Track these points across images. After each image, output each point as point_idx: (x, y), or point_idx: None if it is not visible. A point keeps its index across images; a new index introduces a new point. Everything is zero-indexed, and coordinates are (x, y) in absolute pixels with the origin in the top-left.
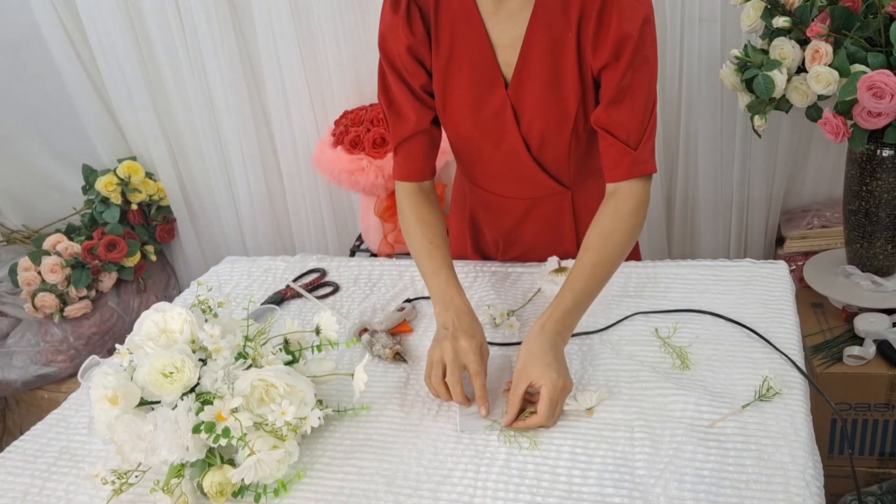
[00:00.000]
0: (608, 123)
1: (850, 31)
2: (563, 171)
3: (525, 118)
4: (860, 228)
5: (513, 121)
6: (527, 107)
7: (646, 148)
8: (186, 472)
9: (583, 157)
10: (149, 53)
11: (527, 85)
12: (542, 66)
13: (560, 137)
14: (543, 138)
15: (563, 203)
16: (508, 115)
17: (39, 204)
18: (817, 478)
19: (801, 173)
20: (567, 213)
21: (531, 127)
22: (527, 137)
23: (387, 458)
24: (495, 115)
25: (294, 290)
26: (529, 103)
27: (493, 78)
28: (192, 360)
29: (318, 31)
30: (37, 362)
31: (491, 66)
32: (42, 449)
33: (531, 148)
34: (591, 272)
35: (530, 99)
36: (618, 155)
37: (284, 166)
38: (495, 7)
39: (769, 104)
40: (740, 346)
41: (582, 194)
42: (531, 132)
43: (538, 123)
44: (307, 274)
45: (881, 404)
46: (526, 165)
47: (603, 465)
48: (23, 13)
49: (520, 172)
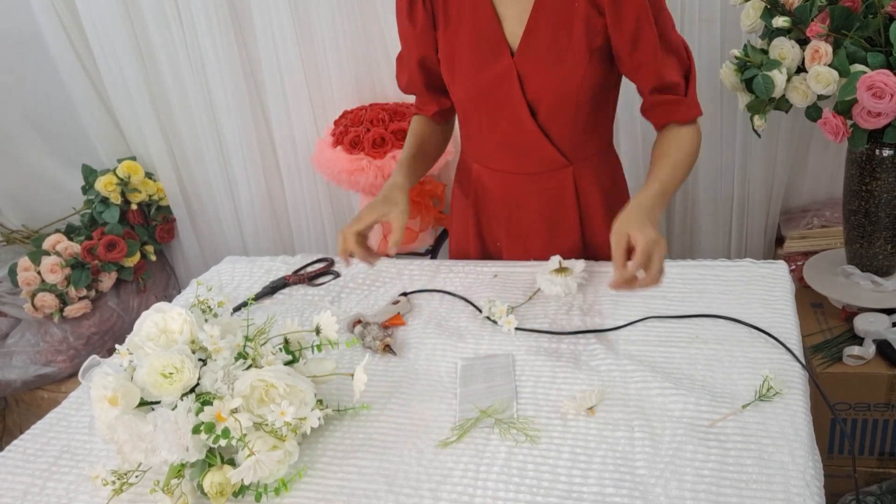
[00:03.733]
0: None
1: (849, 31)
2: (567, 142)
3: (532, 85)
4: (860, 228)
5: (517, 87)
6: (533, 73)
7: (694, 94)
8: (186, 472)
9: (586, 128)
10: (149, 53)
11: (533, 54)
12: (548, 34)
13: (566, 105)
14: (550, 105)
15: (565, 180)
16: (514, 83)
17: (39, 204)
18: (817, 478)
19: (801, 173)
20: (569, 190)
21: (538, 94)
22: (532, 104)
23: (387, 458)
24: (500, 83)
25: (296, 278)
26: (535, 70)
27: (500, 48)
28: (191, 361)
29: (318, 31)
30: (36, 362)
31: (497, 37)
32: (42, 448)
33: (537, 115)
34: (672, 170)
35: (536, 66)
36: (672, 104)
37: (284, 166)
38: None
39: (769, 104)
40: (740, 346)
41: (584, 171)
42: (538, 99)
43: (546, 90)
44: (314, 263)
45: (881, 404)
46: (530, 134)
47: (603, 464)
48: (23, 13)
49: (523, 143)
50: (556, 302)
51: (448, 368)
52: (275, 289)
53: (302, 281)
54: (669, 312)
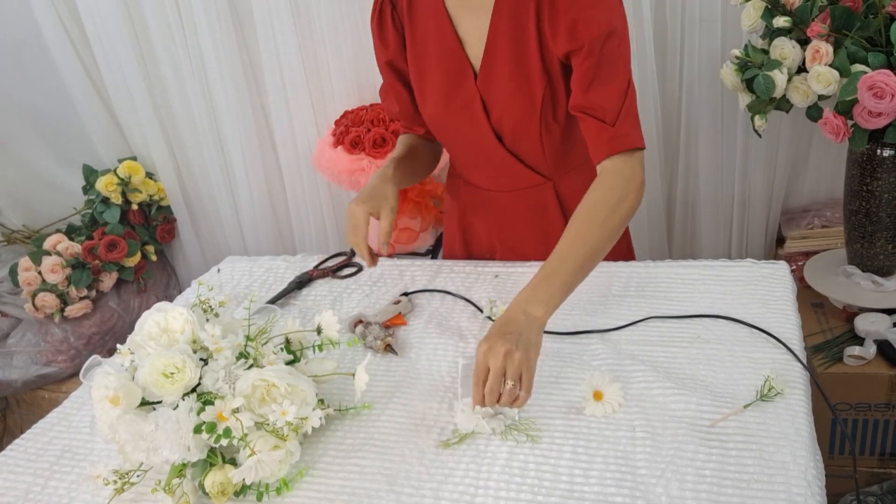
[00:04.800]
0: (583, 106)
1: (850, 31)
2: (540, 162)
3: (495, 110)
4: (861, 228)
5: (482, 113)
6: (496, 98)
7: (625, 122)
8: (188, 471)
9: (559, 148)
10: (149, 53)
11: (494, 77)
12: (507, 57)
13: (530, 127)
14: (514, 129)
15: (546, 195)
16: (478, 108)
17: (40, 204)
18: (819, 477)
19: (802, 173)
20: (552, 204)
21: (501, 118)
22: (497, 129)
23: (388, 458)
24: (466, 107)
25: (319, 272)
26: (497, 95)
27: (463, 71)
28: (193, 361)
29: (319, 30)
30: (37, 362)
31: (460, 60)
32: (44, 448)
33: (503, 139)
34: (567, 247)
35: (498, 90)
36: (597, 134)
37: (285, 166)
38: (461, 2)
39: (769, 104)
40: (741, 345)
41: (566, 186)
42: (502, 123)
43: (508, 114)
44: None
45: (881, 404)
46: (501, 156)
47: (604, 464)
48: (23, 13)
49: (497, 163)
50: None
51: (449, 368)
52: (301, 284)
53: (326, 274)
54: (671, 312)
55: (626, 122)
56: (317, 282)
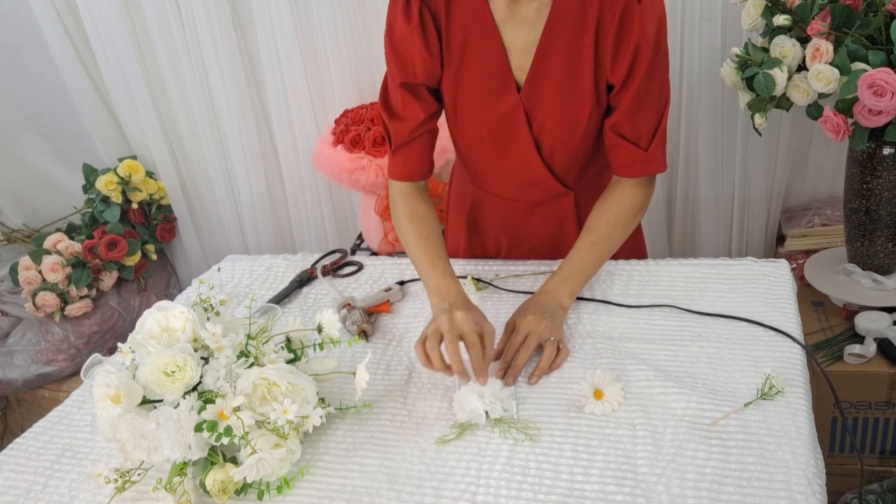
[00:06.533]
0: (624, 130)
1: (850, 30)
2: (570, 174)
3: (537, 121)
4: (861, 227)
5: (525, 124)
6: (539, 110)
7: (658, 148)
8: (189, 470)
9: (589, 160)
10: (149, 52)
11: (540, 89)
12: (556, 70)
13: (571, 140)
14: (555, 141)
15: (566, 205)
16: (521, 119)
17: (40, 203)
18: (819, 476)
19: (802, 171)
20: (571, 214)
21: (543, 130)
22: (539, 140)
23: (389, 456)
24: (506, 118)
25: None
26: (542, 107)
27: (506, 82)
28: (194, 359)
29: (319, 29)
30: (37, 361)
31: (504, 71)
32: (45, 446)
33: (542, 151)
34: (590, 248)
35: (543, 103)
36: (629, 154)
37: (285, 165)
38: (510, 12)
39: (770, 102)
40: (742, 344)
41: (585, 195)
42: (543, 135)
43: (551, 126)
44: (330, 254)
45: (882, 402)
46: (535, 168)
47: (605, 462)
48: (23, 13)
49: (527, 175)
50: None
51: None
52: (301, 283)
53: (327, 273)
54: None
55: (658, 148)
56: (317, 280)
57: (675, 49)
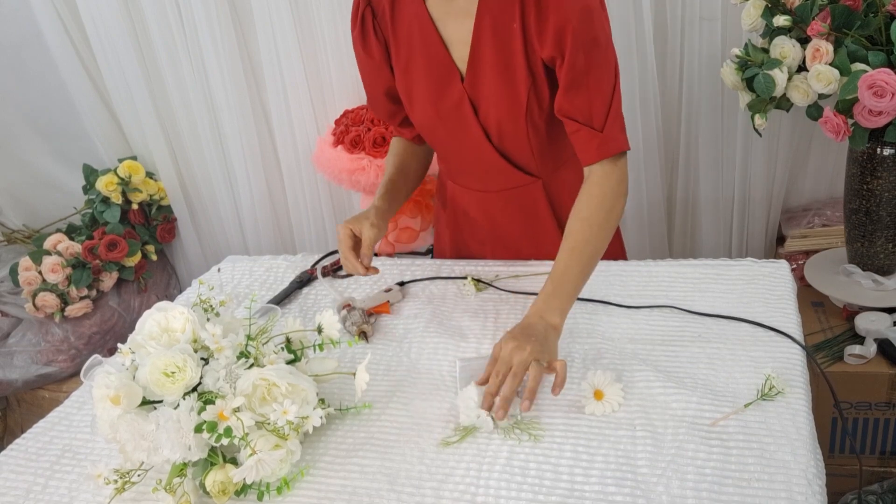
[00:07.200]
0: (569, 110)
1: (850, 30)
2: (528, 161)
3: (482, 109)
4: (861, 227)
5: (471, 113)
6: (482, 98)
7: (613, 127)
8: (189, 471)
9: (545, 146)
10: (149, 53)
11: (480, 77)
12: (492, 57)
13: (516, 126)
14: (501, 128)
15: (536, 193)
16: (467, 108)
17: (40, 203)
18: (819, 476)
19: (802, 172)
20: (542, 203)
21: (488, 117)
22: (486, 127)
23: (389, 457)
24: (455, 108)
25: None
26: (484, 94)
27: (450, 74)
28: (193, 360)
29: (319, 30)
30: (38, 362)
31: (446, 63)
32: (44, 447)
33: (491, 138)
34: (569, 255)
35: (485, 90)
36: (586, 139)
37: (285, 166)
38: (445, 8)
39: (770, 103)
40: (742, 344)
41: (555, 183)
42: (489, 122)
43: (494, 113)
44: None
45: (882, 403)
46: (490, 156)
47: (605, 463)
48: (23, 13)
49: (487, 164)
50: None
51: (450, 367)
52: (301, 283)
53: (327, 273)
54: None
55: (613, 127)
56: (317, 281)
57: (676, 50)
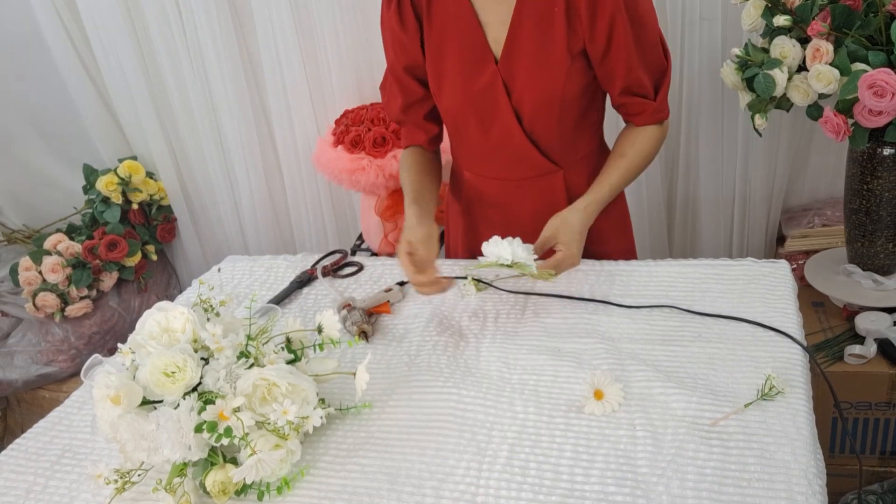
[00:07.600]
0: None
1: (850, 30)
2: (554, 147)
3: (516, 91)
4: (861, 227)
5: (504, 95)
6: (517, 80)
7: (664, 98)
8: (189, 471)
9: (573, 134)
10: (149, 53)
11: (516, 60)
12: (530, 39)
13: (549, 110)
14: (534, 111)
15: (555, 184)
16: (500, 90)
17: (40, 203)
18: (819, 476)
19: (802, 172)
20: (560, 194)
21: (522, 100)
22: (518, 110)
23: (389, 457)
24: (487, 90)
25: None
26: (519, 76)
27: (484, 55)
28: (194, 360)
29: (319, 30)
30: (38, 362)
31: (481, 44)
32: (45, 447)
33: (523, 121)
34: (624, 173)
35: (520, 72)
36: (641, 106)
37: (285, 165)
38: None
39: (770, 103)
40: (742, 344)
41: (574, 175)
42: (522, 106)
43: (528, 96)
44: (330, 255)
45: (882, 403)
46: (518, 141)
47: (605, 463)
48: (23, 13)
49: (512, 150)
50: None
51: (450, 368)
52: (302, 283)
53: (327, 273)
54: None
55: (665, 98)
56: (317, 281)
57: (676, 49)
